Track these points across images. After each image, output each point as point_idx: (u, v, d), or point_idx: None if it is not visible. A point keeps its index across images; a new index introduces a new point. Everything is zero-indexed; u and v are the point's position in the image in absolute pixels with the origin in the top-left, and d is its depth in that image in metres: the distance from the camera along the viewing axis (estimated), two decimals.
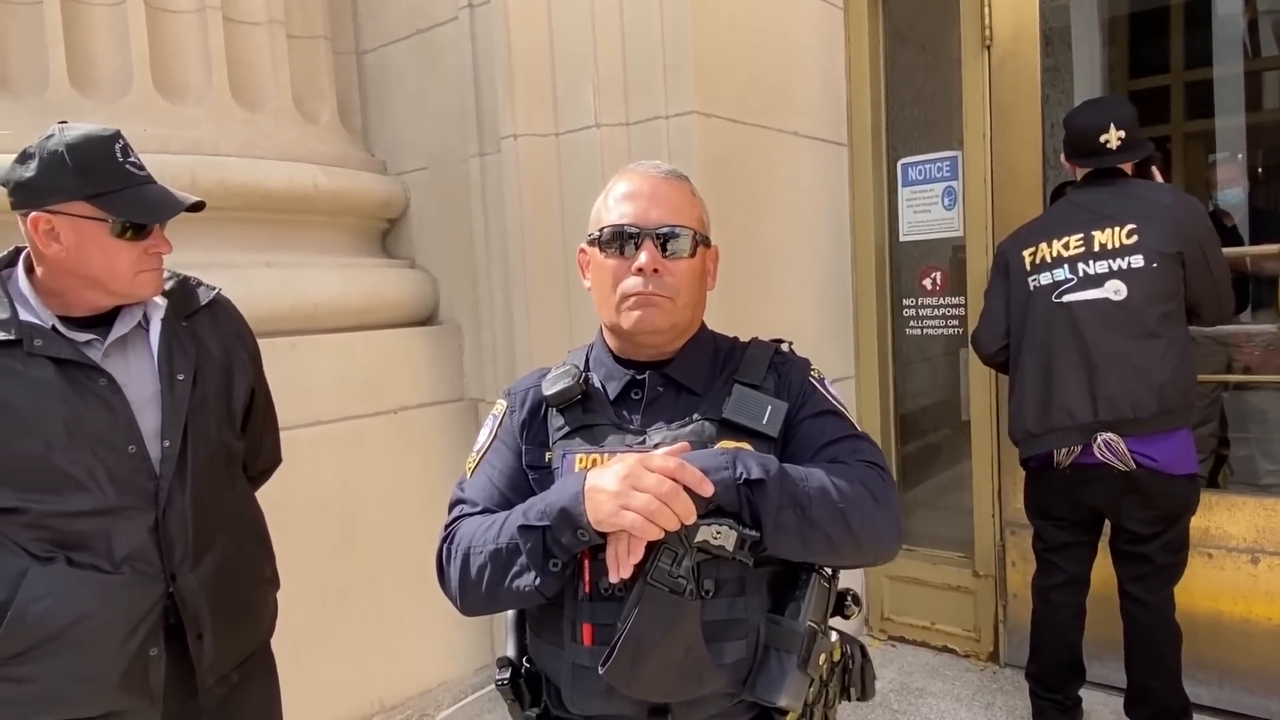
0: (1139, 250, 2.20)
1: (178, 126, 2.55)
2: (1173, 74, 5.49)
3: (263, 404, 1.66)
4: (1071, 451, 2.28)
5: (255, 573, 1.59)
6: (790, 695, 1.05)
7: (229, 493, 1.54)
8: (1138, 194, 2.28)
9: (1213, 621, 2.58)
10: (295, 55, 2.95)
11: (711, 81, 2.51)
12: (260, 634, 1.63)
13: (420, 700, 2.85)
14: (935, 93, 3.50)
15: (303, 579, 2.58)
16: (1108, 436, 2.21)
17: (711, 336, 1.28)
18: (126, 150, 1.39)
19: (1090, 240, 2.27)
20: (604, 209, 1.21)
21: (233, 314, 1.61)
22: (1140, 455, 2.20)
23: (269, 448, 1.73)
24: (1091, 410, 2.22)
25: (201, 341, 1.51)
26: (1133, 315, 2.20)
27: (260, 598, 1.62)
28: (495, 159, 2.76)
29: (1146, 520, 2.24)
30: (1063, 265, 2.30)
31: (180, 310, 1.50)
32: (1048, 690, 2.45)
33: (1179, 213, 2.21)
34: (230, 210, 2.59)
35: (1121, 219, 2.24)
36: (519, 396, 1.26)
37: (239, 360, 1.57)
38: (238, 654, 1.53)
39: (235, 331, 1.59)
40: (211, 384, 1.50)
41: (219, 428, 1.50)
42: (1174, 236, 2.18)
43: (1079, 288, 2.27)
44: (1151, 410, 2.17)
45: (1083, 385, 2.23)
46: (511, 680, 1.23)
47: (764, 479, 1.02)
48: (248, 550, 1.57)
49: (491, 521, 1.12)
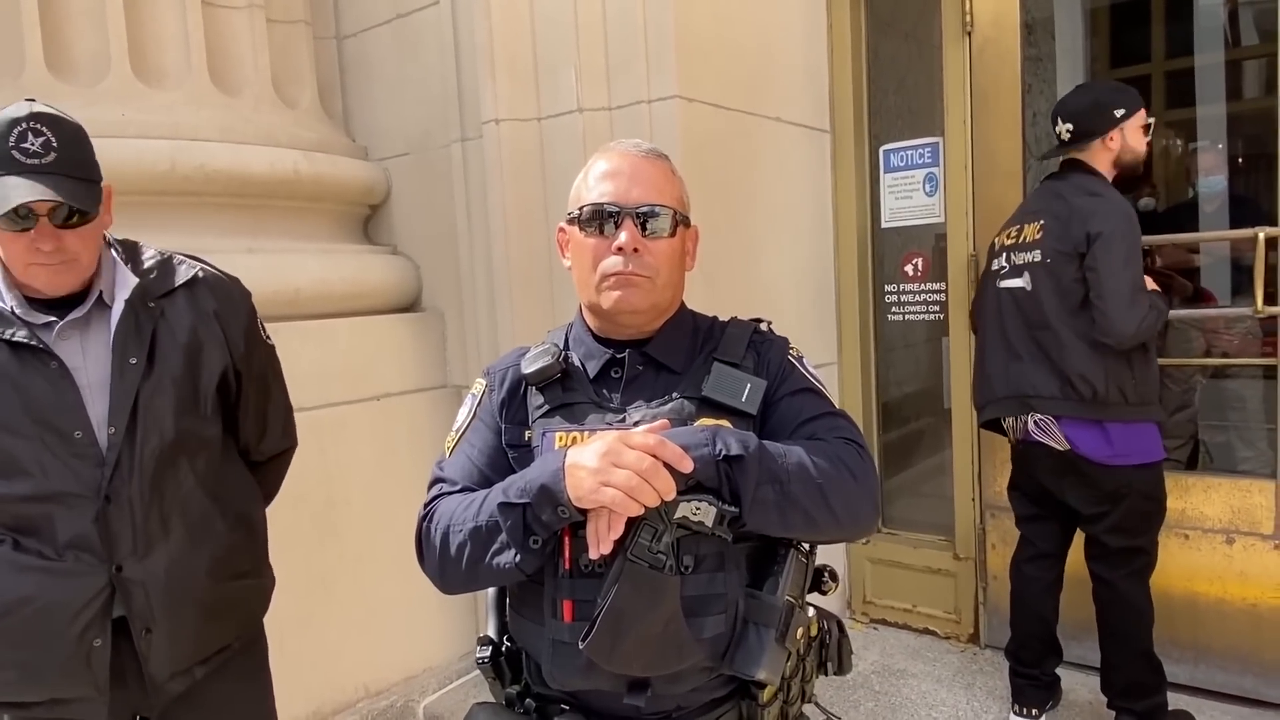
0: (1039, 246, 2.33)
1: (156, 111, 2.52)
2: (1154, 63, 5.53)
3: (258, 384, 1.60)
4: (1014, 427, 2.41)
5: (225, 566, 1.50)
6: (768, 668, 1.06)
7: (191, 481, 1.46)
8: (1060, 190, 2.36)
9: (1189, 602, 2.62)
10: (275, 40, 2.93)
11: (694, 66, 2.51)
12: (229, 631, 1.54)
13: (405, 686, 2.86)
14: (917, 80, 3.51)
15: (286, 567, 2.56)
16: (1039, 416, 2.32)
17: (691, 315, 1.29)
18: (25, 135, 1.30)
19: (1020, 232, 2.42)
20: (584, 187, 1.21)
21: (218, 293, 1.53)
22: (1069, 440, 2.28)
23: (275, 430, 1.66)
24: (1006, 385, 2.39)
25: (168, 322, 1.45)
26: (1035, 305, 2.33)
27: (231, 593, 1.52)
28: (477, 144, 2.75)
29: (1087, 500, 2.33)
30: (1003, 253, 2.47)
31: (153, 290, 1.45)
32: (1025, 666, 2.49)
33: (1078, 210, 2.25)
34: (211, 196, 2.57)
35: (1039, 214, 2.37)
36: (498, 375, 1.27)
37: (211, 341, 1.49)
38: (198, 651, 1.47)
39: (213, 310, 1.51)
40: (171, 367, 1.43)
41: (179, 413, 1.43)
42: (1071, 235, 2.24)
43: (1009, 275, 2.43)
44: (1053, 393, 2.28)
45: (1001, 362, 2.41)
46: (492, 658, 1.24)
47: (743, 455, 1.03)
48: (216, 542, 1.48)
49: (471, 500, 1.12)
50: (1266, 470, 2.61)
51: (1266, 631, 2.51)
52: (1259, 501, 2.52)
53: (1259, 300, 2.41)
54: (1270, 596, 2.51)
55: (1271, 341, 2.76)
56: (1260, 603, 2.53)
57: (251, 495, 1.61)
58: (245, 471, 1.62)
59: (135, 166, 2.38)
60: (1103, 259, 2.17)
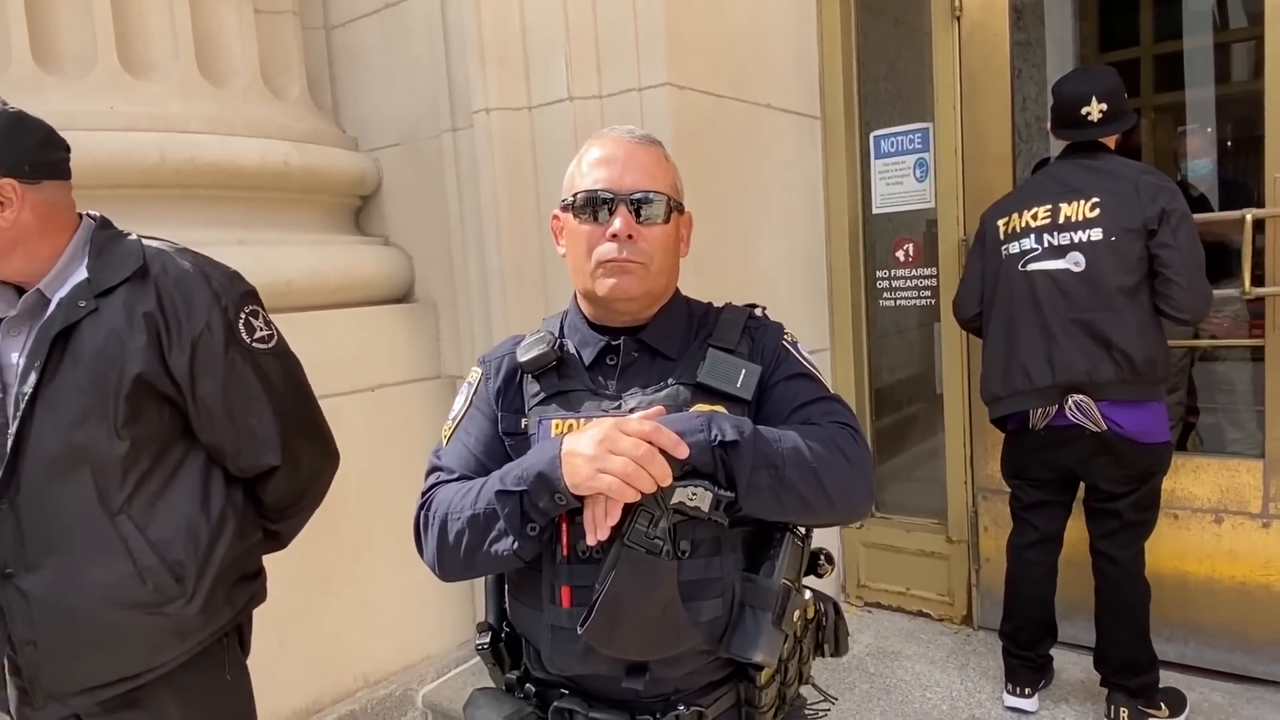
0: (1100, 224, 2.25)
1: (145, 104, 2.50)
2: (1143, 47, 5.54)
3: (225, 393, 1.41)
4: (1046, 414, 2.33)
5: (123, 594, 1.35)
6: (765, 651, 1.08)
7: (88, 498, 1.33)
8: (1108, 169, 2.32)
9: (1179, 581, 2.65)
10: (263, 30, 2.91)
11: (684, 53, 2.50)
12: (130, 661, 1.38)
13: (404, 675, 2.87)
14: (907, 65, 3.52)
15: (284, 558, 2.56)
16: (1079, 398, 2.27)
17: (685, 302, 1.30)
18: None
19: (1057, 212, 2.32)
20: (577, 174, 1.21)
21: (167, 290, 1.37)
22: (1110, 420, 2.25)
23: (251, 444, 1.45)
24: (1049, 375, 2.30)
25: (95, 323, 1.33)
26: (1091, 287, 2.26)
27: (129, 624, 1.36)
28: (468, 134, 2.75)
29: (1118, 480, 2.31)
30: (1030, 235, 2.37)
31: (96, 286, 1.35)
32: (1020, 648, 2.51)
33: (1144, 188, 2.24)
34: (201, 188, 2.56)
35: (1088, 193, 2.29)
36: (494, 364, 1.27)
37: (131, 344, 1.33)
38: (91, 675, 1.36)
39: (145, 311, 1.35)
40: (79, 373, 1.32)
41: (75, 425, 1.31)
42: (1137, 211, 2.22)
43: (1043, 257, 2.34)
44: (1109, 377, 2.23)
45: (1040, 351, 2.31)
46: (491, 644, 1.25)
47: (738, 440, 1.04)
48: (112, 567, 1.34)
49: (469, 488, 1.13)
50: (1254, 451, 2.64)
51: (1255, 609, 2.55)
52: (1247, 481, 2.55)
53: (1246, 282, 2.43)
54: (1258, 575, 2.55)
55: (1259, 324, 2.79)
56: (1249, 581, 2.56)
57: (198, 522, 1.41)
58: (205, 492, 1.43)
59: (125, 159, 2.37)
60: (1182, 236, 2.19)
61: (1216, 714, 2.43)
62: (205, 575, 1.41)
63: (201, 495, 1.43)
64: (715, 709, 1.15)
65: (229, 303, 1.43)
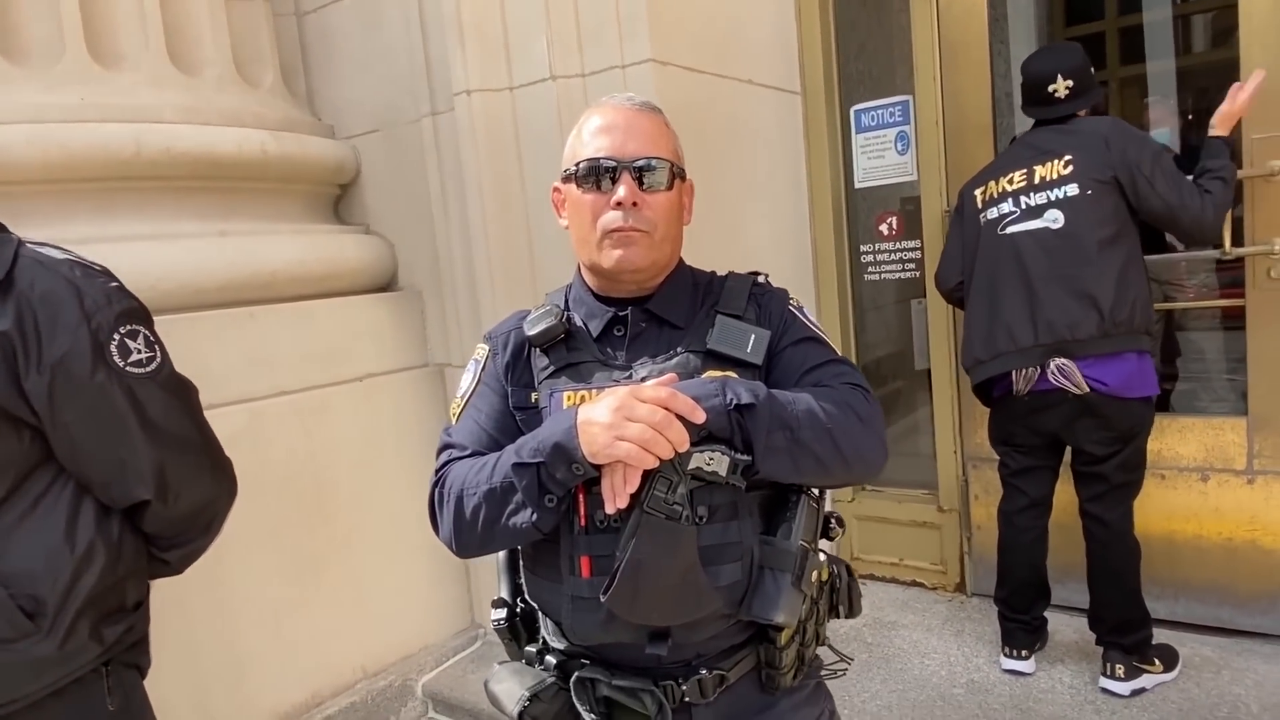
0: (1074, 179, 2.31)
1: (116, 94, 2.45)
2: (1107, 20, 5.61)
3: (90, 421, 1.29)
4: (1029, 378, 2.36)
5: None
6: (786, 612, 1.08)
7: None
8: (1077, 128, 2.38)
9: (1167, 540, 2.69)
10: (234, 18, 2.85)
11: (666, 29, 2.49)
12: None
13: (403, 665, 2.86)
14: (885, 39, 3.52)
15: (278, 550, 2.57)
16: (1060, 361, 2.30)
17: (690, 271, 1.30)
18: None
19: (1031, 174, 2.38)
20: (578, 144, 1.20)
21: (24, 307, 1.24)
22: (1091, 379, 2.28)
23: (121, 476, 1.33)
24: (1032, 334, 2.33)
25: None
26: (1070, 242, 2.30)
27: None
28: (448, 117, 2.72)
29: (1103, 441, 2.34)
30: (1007, 199, 2.42)
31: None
32: (1015, 612, 2.55)
33: (1111, 138, 2.29)
34: (179, 179, 2.51)
35: (1060, 152, 2.35)
36: (501, 339, 1.26)
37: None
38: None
39: (8, 328, 1.24)
40: None
41: None
42: (1106, 162, 2.27)
43: (1021, 219, 2.38)
44: (1090, 333, 2.27)
45: (1024, 311, 2.34)
46: (508, 620, 1.24)
47: (754, 404, 1.04)
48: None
49: (483, 463, 1.12)
50: (1235, 411, 2.68)
51: (1241, 564, 2.60)
52: (1231, 439, 2.59)
53: (1227, 242, 2.47)
54: (1244, 530, 2.60)
55: (1228, 292, 2.84)
56: (1235, 536, 2.61)
57: (59, 556, 1.29)
58: (69, 524, 1.32)
59: (101, 151, 2.32)
60: (1159, 173, 2.24)
61: (1208, 667, 2.48)
62: (65, 611, 1.30)
63: (66, 527, 1.31)
64: (736, 671, 1.16)
65: (101, 322, 1.29)
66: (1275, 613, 2.57)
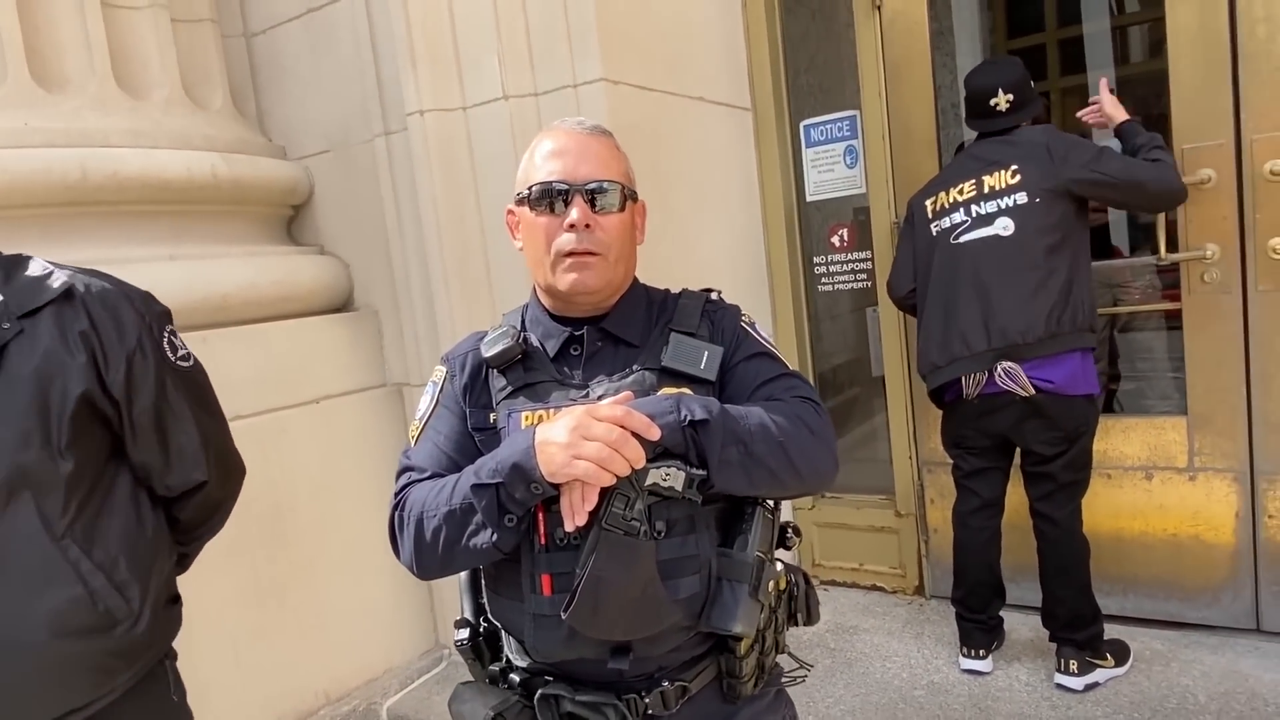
0: (1023, 188, 2.39)
1: (61, 119, 2.42)
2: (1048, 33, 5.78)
3: (153, 413, 1.41)
4: (979, 382, 2.43)
5: (72, 621, 1.31)
6: (744, 622, 1.10)
7: (32, 524, 1.29)
8: (1020, 139, 2.47)
9: (1115, 537, 2.77)
10: (181, 40, 2.83)
11: (617, 48, 2.52)
12: (77, 693, 1.33)
13: (367, 689, 2.83)
14: (831, 56, 3.60)
15: (236, 576, 2.53)
16: (1007, 365, 2.38)
17: (644, 289, 1.32)
18: None
19: (981, 184, 2.45)
20: (531, 167, 1.22)
21: (96, 310, 1.36)
22: (1038, 379, 2.36)
23: (185, 464, 1.46)
24: (985, 339, 2.40)
25: (24, 344, 1.30)
26: (1020, 248, 2.38)
27: (78, 652, 1.31)
28: (401, 137, 2.72)
29: (1049, 441, 2.42)
30: (958, 209, 2.49)
31: (17, 307, 1.31)
32: (972, 612, 2.61)
33: (1052, 146, 2.39)
34: (126, 204, 2.49)
35: (1006, 162, 2.43)
36: (458, 361, 1.27)
37: (70, 365, 1.32)
38: (35, 714, 1.30)
39: (80, 330, 1.34)
40: (13, 396, 1.29)
41: (19, 448, 1.28)
42: (1051, 171, 2.36)
43: (972, 228, 2.46)
44: (1039, 335, 2.34)
45: (978, 317, 2.41)
46: (471, 640, 1.25)
47: (708, 419, 1.06)
48: (60, 594, 1.30)
49: (442, 485, 1.13)
50: (1177, 409, 2.78)
51: (1186, 558, 2.69)
52: (1173, 438, 2.69)
53: (1162, 248, 2.56)
54: (1188, 526, 2.69)
55: (1170, 293, 2.94)
56: (1179, 532, 2.70)
57: (137, 539, 1.40)
58: (137, 511, 1.43)
59: (44, 177, 2.29)
60: (1108, 162, 2.33)
61: (1158, 660, 2.56)
62: (149, 593, 1.39)
63: (135, 514, 1.41)
64: (698, 682, 1.18)
65: (152, 321, 1.43)
66: (1219, 605, 2.66)
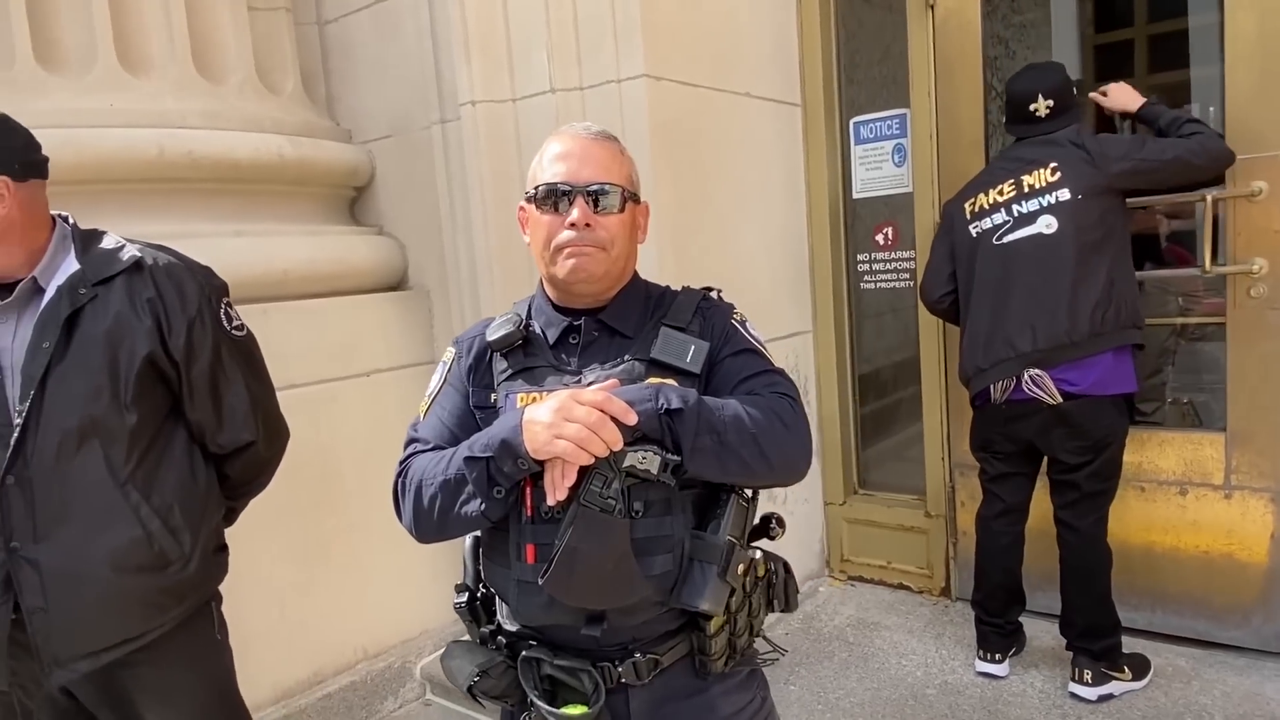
0: (1064, 185, 2.38)
1: (143, 100, 2.60)
2: (1137, 28, 5.60)
3: (209, 376, 1.58)
4: (1006, 388, 2.44)
5: (129, 559, 1.49)
6: (711, 600, 1.18)
7: (100, 470, 1.46)
8: (1054, 139, 2.46)
9: (1145, 551, 2.74)
10: (257, 27, 3.00)
11: (662, 45, 2.58)
12: (133, 624, 1.52)
13: (402, 648, 2.99)
14: (886, 52, 3.58)
15: (285, 536, 2.71)
16: (1034, 372, 2.38)
17: (644, 285, 1.39)
18: None
19: (1020, 184, 2.45)
20: (539, 169, 1.31)
21: (161, 280, 1.54)
22: (1066, 383, 2.35)
23: (234, 424, 1.63)
24: (1031, 340, 2.38)
25: (98, 308, 1.47)
26: (1064, 246, 2.36)
27: (135, 587, 1.50)
28: (455, 126, 2.84)
29: (1075, 450, 2.41)
30: (999, 210, 2.48)
31: (91, 275, 1.49)
32: (990, 615, 2.62)
33: (1088, 145, 2.38)
34: (198, 182, 2.66)
35: (1044, 161, 2.42)
36: (466, 344, 1.38)
37: (138, 328, 1.49)
38: (98, 639, 1.49)
39: (148, 297, 1.51)
40: (89, 353, 1.45)
41: (89, 400, 1.44)
42: (1094, 169, 2.35)
43: (1015, 227, 2.45)
44: (1084, 333, 2.33)
45: (1023, 317, 2.40)
46: (468, 603, 1.36)
47: (683, 408, 1.14)
48: (120, 534, 1.48)
49: (441, 456, 1.23)
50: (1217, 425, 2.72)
51: (1217, 577, 2.64)
52: (1209, 454, 2.64)
53: (1207, 260, 2.51)
54: (1221, 544, 2.64)
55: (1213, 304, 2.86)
56: (1212, 550, 2.65)
57: (190, 490, 1.57)
58: (191, 465, 1.60)
59: (125, 155, 2.47)
60: (1148, 150, 2.32)
61: (1180, 678, 2.53)
62: (199, 539, 1.58)
63: (189, 467, 1.60)
64: (670, 656, 1.26)
65: (211, 293, 1.61)
66: (1249, 626, 2.61)
